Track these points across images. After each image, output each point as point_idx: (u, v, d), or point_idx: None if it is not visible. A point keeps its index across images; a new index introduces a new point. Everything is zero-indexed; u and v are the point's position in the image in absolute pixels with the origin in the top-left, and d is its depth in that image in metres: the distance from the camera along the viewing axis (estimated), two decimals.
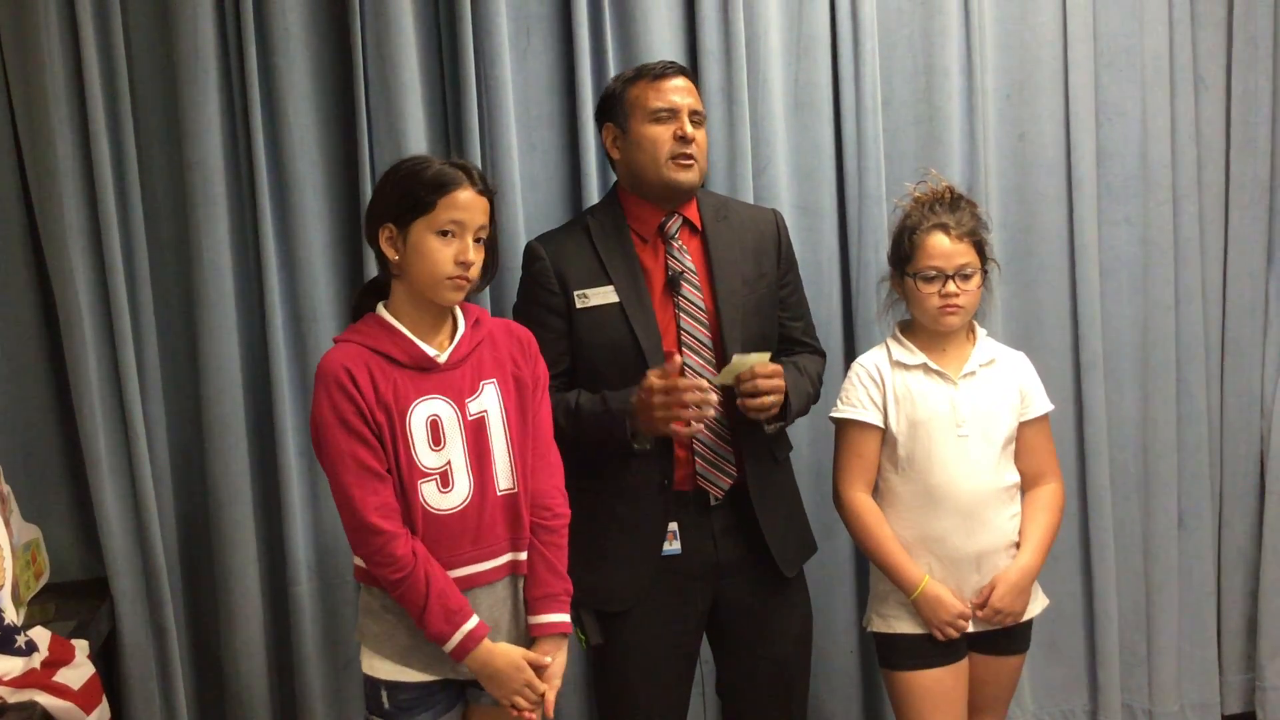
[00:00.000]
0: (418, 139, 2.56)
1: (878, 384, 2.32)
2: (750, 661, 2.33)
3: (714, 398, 2.11)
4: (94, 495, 2.50)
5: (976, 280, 2.28)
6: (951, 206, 2.30)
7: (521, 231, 2.60)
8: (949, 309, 2.26)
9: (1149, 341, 2.96)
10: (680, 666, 2.31)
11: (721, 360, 2.23)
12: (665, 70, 2.27)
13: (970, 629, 2.28)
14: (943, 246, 2.25)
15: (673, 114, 2.24)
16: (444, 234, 1.89)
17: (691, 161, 2.24)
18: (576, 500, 2.11)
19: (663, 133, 2.23)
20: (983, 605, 2.27)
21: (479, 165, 2.46)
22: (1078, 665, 3.03)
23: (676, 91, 2.26)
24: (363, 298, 2.04)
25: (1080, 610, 3.00)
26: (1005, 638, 2.33)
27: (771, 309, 2.35)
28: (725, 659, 2.37)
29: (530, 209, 2.67)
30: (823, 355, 2.47)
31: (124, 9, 2.48)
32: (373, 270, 2.54)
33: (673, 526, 2.24)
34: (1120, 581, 2.97)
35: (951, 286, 2.25)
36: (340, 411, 1.87)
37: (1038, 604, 2.38)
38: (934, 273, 2.25)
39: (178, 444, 2.62)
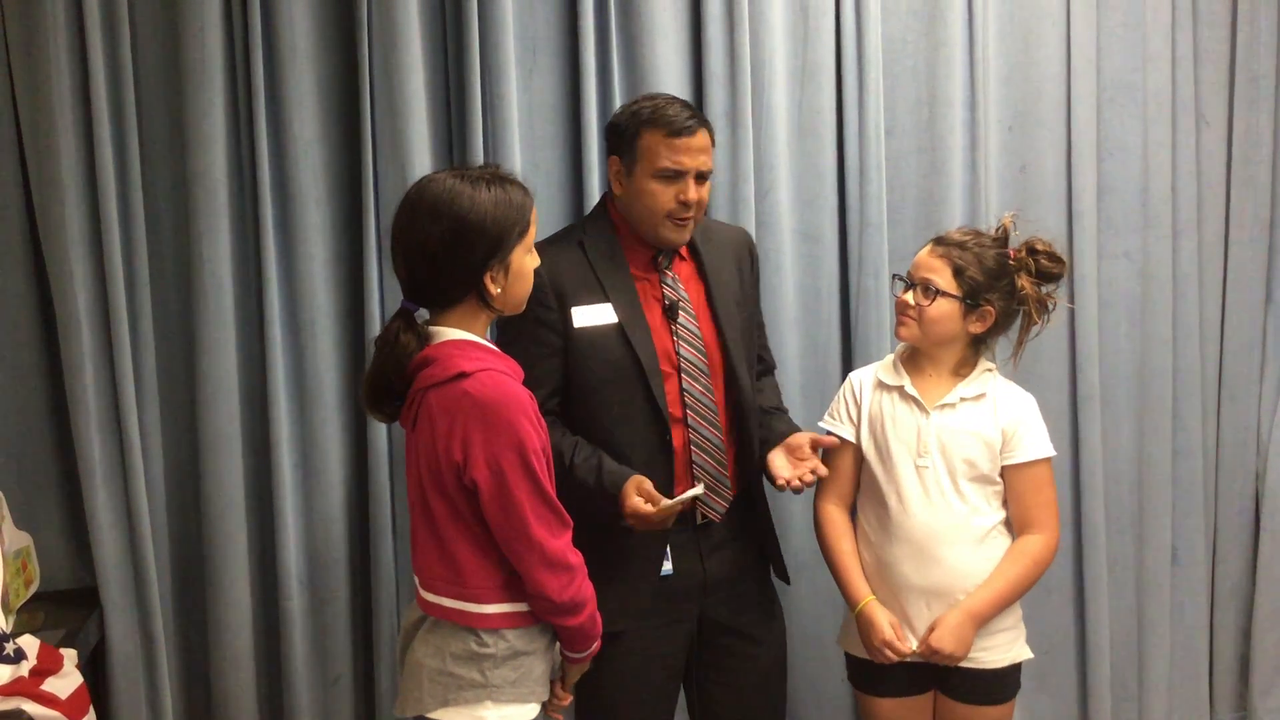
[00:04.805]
0: (422, 155, 2.56)
1: (855, 401, 2.31)
2: (734, 676, 2.33)
3: (676, 511, 2.09)
4: (86, 504, 2.48)
5: (944, 304, 2.17)
6: (975, 237, 2.24)
7: None
8: (901, 318, 2.23)
9: (1146, 376, 2.96)
10: (667, 686, 2.31)
11: (723, 385, 2.26)
12: (685, 128, 2.14)
13: (909, 659, 2.20)
14: (922, 255, 2.23)
15: (680, 175, 2.15)
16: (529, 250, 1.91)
17: (688, 221, 2.19)
18: (578, 522, 2.12)
19: (665, 192, 2.15)
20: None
21: None
22: (1069, 700, 3.01)
23: (689, 152, 2.14)
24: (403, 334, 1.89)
25: (1072, 644, 2.99)
26: (976, 686, 2.23)
27: (753, 330, 2.38)
28: (709, 675, 2.36)
29: None
30: (773, 368, 2.53)
31: (131, 19, 2.48)
32: (374, 286, 2.55)
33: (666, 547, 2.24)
34: (1113, 616, 2.96)
35: (909, 296, 2.21)
36: (544, 444, 1.83)
37: (1013, 653, 2.25)
38: (909, 281, 2.23)
39: (172, 454, 2.61)
